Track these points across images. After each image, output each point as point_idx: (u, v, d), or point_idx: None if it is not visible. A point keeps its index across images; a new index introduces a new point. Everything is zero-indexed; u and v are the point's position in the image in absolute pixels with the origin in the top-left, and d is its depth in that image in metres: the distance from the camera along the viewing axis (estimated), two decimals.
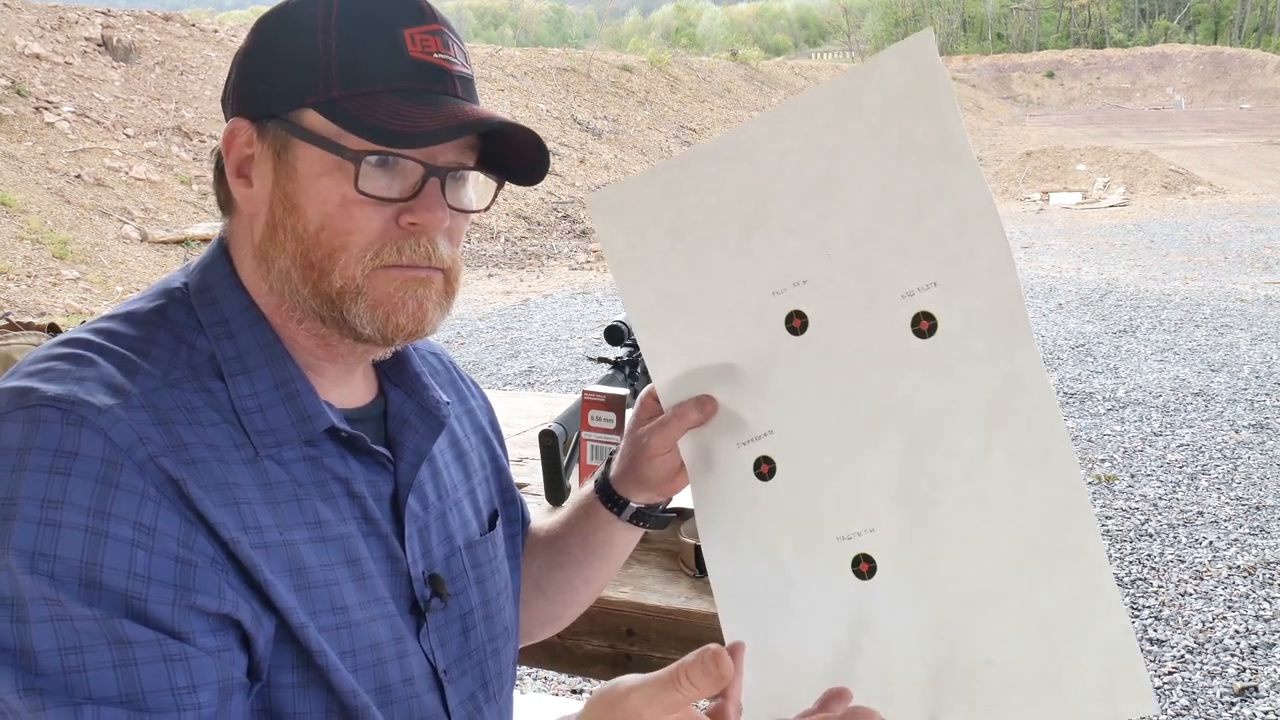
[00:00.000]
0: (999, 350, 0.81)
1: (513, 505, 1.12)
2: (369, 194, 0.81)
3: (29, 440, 0.72)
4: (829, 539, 0.87)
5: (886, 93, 0.82)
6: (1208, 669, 3.28)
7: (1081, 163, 19.05)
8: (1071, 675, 0.80)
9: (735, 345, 0.91)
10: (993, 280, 0.81)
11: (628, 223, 0.93)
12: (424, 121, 0.79)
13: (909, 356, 0.84)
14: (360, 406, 0.92)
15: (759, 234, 0.88)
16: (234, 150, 0.86)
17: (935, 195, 0.81)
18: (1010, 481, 0.81)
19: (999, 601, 0.82)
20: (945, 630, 0.83)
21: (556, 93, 20.90)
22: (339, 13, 0.82)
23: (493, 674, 0.97)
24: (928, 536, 0.84)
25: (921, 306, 0.83)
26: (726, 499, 0.93)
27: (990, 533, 0.82)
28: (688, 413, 0.93)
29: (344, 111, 0.80)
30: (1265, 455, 5.17)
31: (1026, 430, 0.81)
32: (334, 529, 0.83)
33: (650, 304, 0.93)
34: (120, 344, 0.80)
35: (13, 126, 11.28)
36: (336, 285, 0.82)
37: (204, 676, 0.73)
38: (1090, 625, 0.80)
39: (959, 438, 0.83)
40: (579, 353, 7.59)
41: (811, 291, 0.87)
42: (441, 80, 0.83)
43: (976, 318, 0.81)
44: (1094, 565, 0.79)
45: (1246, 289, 9.38)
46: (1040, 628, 0.81)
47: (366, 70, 0.81)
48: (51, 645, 0.69)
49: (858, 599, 0.86)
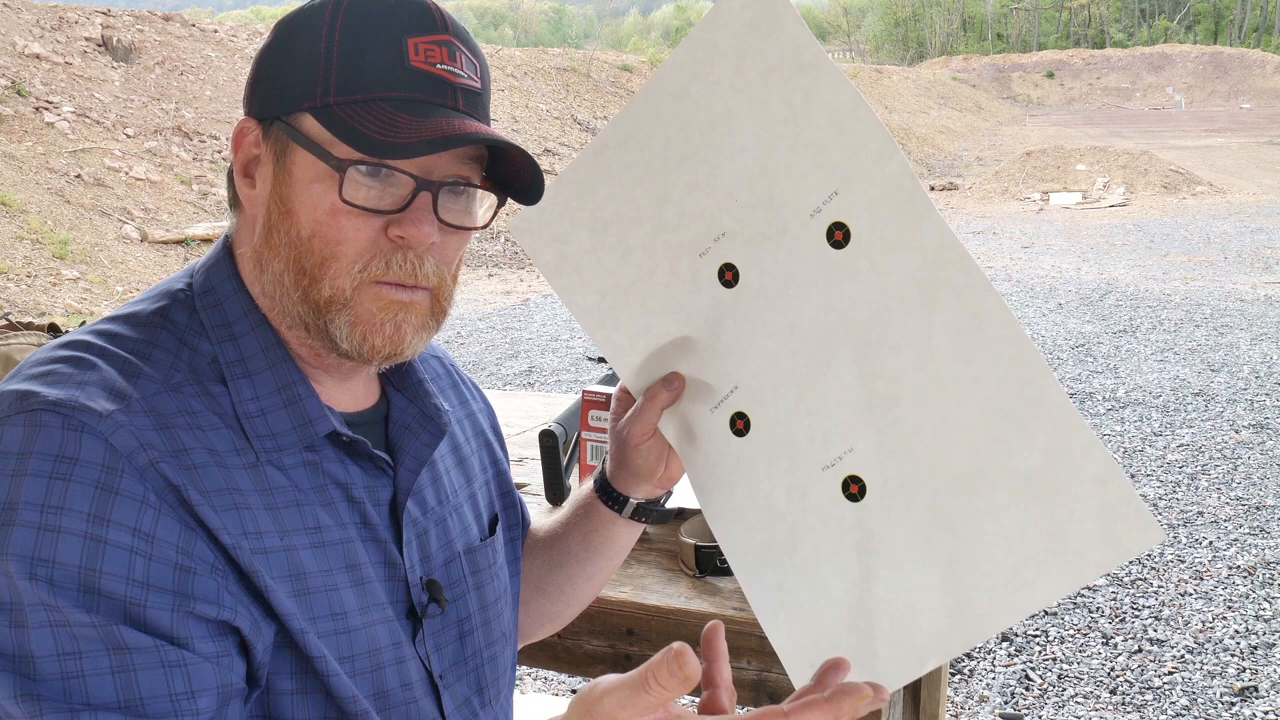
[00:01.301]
0: (908, 232, 0.82)
1: (513, 509, 1.12)
2: (353, 203, 0.80)
3: (29, 445, 0.71)
4: (814, 471, 0.88)
5: (734, 28, 0.84)
6: (1208, 669, 3.28)
7: (1081, 163, 19.06)
8: (1072, 526, 0.79)
9: (681, 316, 0.93)
10: (883, 168, 0.82)
11: (550, 234, 0.95)
12: (409, 133, 0.78)
13: (834, 270, 0.85)
14: (361, 411, 0.92)
15: (668, 204, 0.90)
16: (242, 150, 0.86)
17: (806, 108, 0.83)
18: (959, 355, 0.81)
19: (985, 476, 0.82)
20: (944, 523, 0.83)
21: (556, 93, 20.91)
22: (345, 18, 0.82)
23: (489, 680, 0.96)
24: (901, 437, 0.84)
25: (831, 219, 0.84)
26: (715, 465, 0.94)
27: (957, 412, 0.82)
28: (658, 394, 0.94)
29: (337, 118, 0.79)
30: (1265, 455, 5.17)
31: (957, 300, 0.81)
32: (333, 534, 0.83)
33: (594, 303, 0.96)
34: (122, 347, 0.80)
35: (13, 126, 11.28)
36: (325, 294, 0.82)
37: (203, 683, 0.73)
38: (1076, 471, 0.79)
39: (900, 330, 0.83)
40: (579, 353, 7.59)
41: (731, 241, 0.89)
42: (442, 92, 0.82)
43: (880, 210, 0.82)
44: (1061, 412, 0.79)
45: (1246, 289, 9.38)
46: (1030, 489, 0.80)
47: (364, 77, 0.80)
48: (50, 651, 0.69)
49: (857, 521, 0.86)
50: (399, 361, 0.87)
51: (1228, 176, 19.22)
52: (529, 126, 18.02)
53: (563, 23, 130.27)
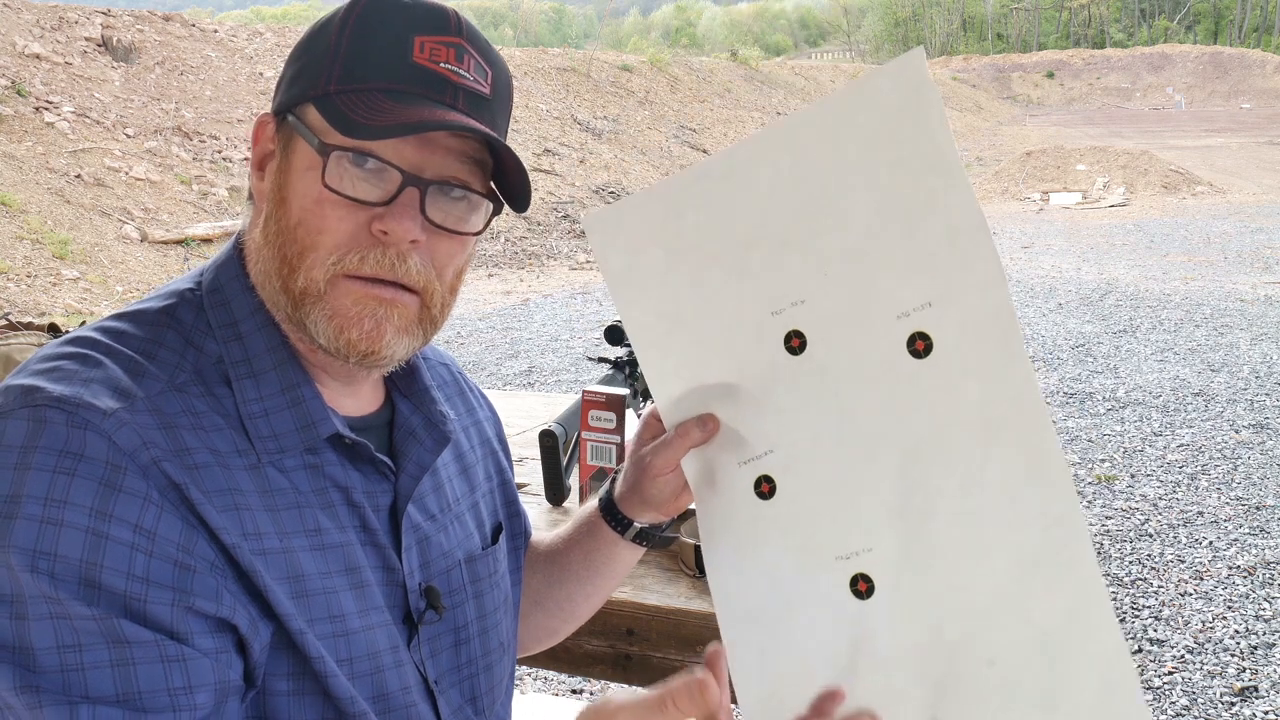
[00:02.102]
0: (993, 366, 0.82)
1: (517, 518, 1.12)
2: (336, 190, 0.79)
3: (34, 439, 0.72)
4: (828, 558, 0.88)
5: (879, 109, 0.82)
6: (1208, 669, 3.28)
7: (1081, 163, 19.05)
8: (1069, 691, 0.81)
9: (735, 364, 0.91)
10: (985, 297, 0.81)
11: (625, 243, 0.93)
12: (389, 118, 0.78)
13: (905, 376, 0.84)
14: (365, 415, 0.92)
15: (756, 252, 0.88)
16: (259, 144, 0.87)
17: (927, 211, 0.82)
18: (1005, 496, 0.82)
19: (996, 617, 0.82)
20: (943, 646, 0.84)
21: (556, 93, 20.91)
22: (357, 17, 0.82)
23: (483, 688, 0.96)
24: (924, 553, 0.84)
25: (917, 327, 0.83)
26: (729, 517, 0.93)
27: (986, 548, 0.82)
28: (690, 432, 0.92)
29: (332, 105, 0.80)
30: (1265, 455, 5.17)
31: (1020, 445, 0.81)
32: (333, 537, 0.83)
33: (650, 323, 0.94)
34: (128, 345, 0.80)
35: (13, 126, 11.28)
36: (300, 285, 0.81)
37: (201, 678, 0.73)
38: (1086, 640, 0.80)
39: (954, 454, 0.83)
40: (579, 353, 7.59)
41: (809, 311, 0.87)
42: (442, 89, 0.82)
43: (970, 335, 0.82)
44: (1089, 579, 0.80)
45: (1246, 289, 9.38)
46: (1038, 642, 0.81)
47: (365, 68, 0.81)
48: (50, 643, 0.69)
49: (857, 618, 0.86)
50: (379, 363, 0.84)
51: (1228, 176, 19.22)
52: (529, 126, 18.02)
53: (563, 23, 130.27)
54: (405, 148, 0.80)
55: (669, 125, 22.08)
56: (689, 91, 25.58)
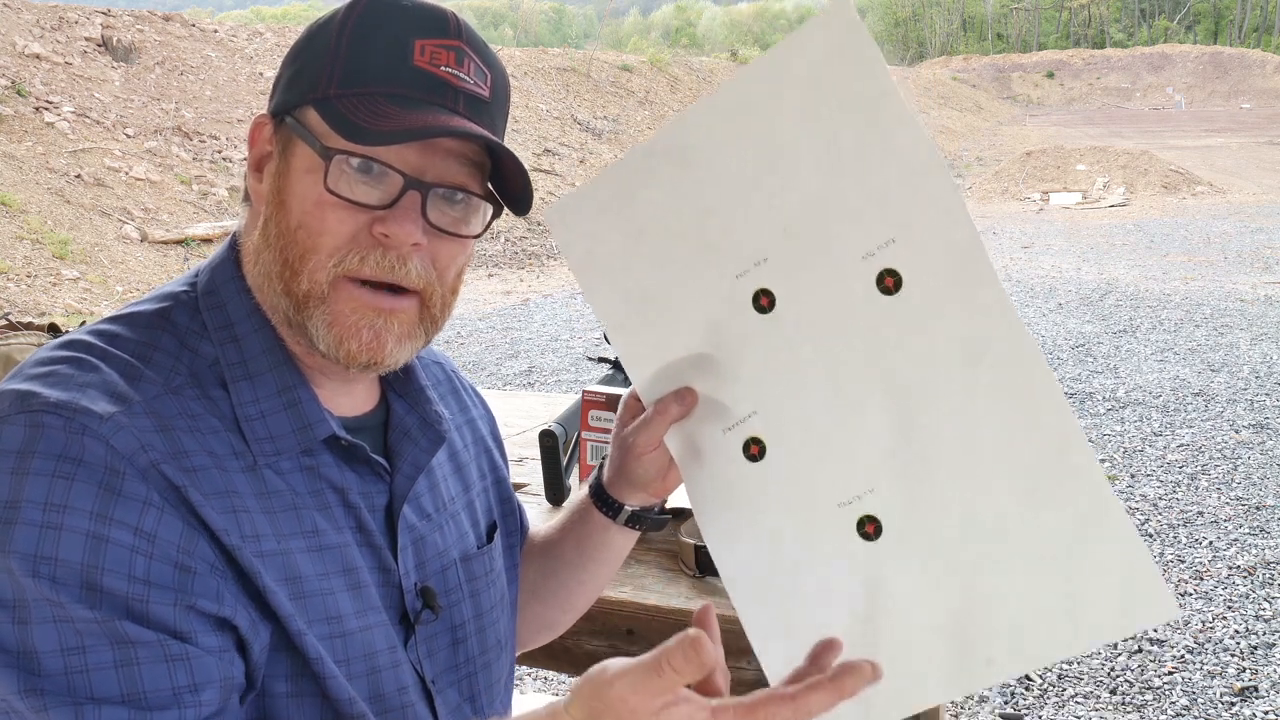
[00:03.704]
0: (964, 293, 0.82)
1: (512, 515, 1.12)
2: (337, 194, 0.80)
3: (31, 445, 0.72)
4: (829, 507, 0.88)
5: (813, 59, 0.83)
6: (1208, 669, 3.28)
7: (1081, 163, 19.06)
8: (1090, 595, 0.81)
9: (706, 333, 0.91)
10: (946, 225, 0.81)
11: (584, 229, 0.93)
12: (393, 123, 0.78)
13: (879, 315, 0.84)
14: (360, 415, 0.92)
15: (712, 220, 0.89)
16: (256, 146, 0.86)
17: (878, 152, 0.82)
18: (997, 417, 0.82)
19: (1006, 537, 0.82)
20: (959, 575, 0.84)
21: (556, 93, 20.91)
22: (359, 17, 0.82)
23: (482, 687, 0.96)
24: (927, 485, 0.84)
25: (884, 264, 0.83)
26: (720, 487, 0.93)
27: (987, 471, 0.83)
28: (669, 407, 0.92)
29: (333, 109, 0.80)
30: (1265, 455, 5.17)
31: (1004, 364, 0.81)
32: (330, 538, 0.83)
33: (617, 305, 0.94)
34: (123, 349, 0.80)
35: (13, 126, 11.28)
36: (303, 288, 0.81)
37: (205, 676, 0.73)
38: (1101, 543, 0.80)
39: (940, 383, 0.83)
40: (579, 353, 7.59)
41: (773, 268, 0.88)
42: (442, 93, 0.82)
43: (938, 264, 0.82)
44: (1095, 484, 0.80)
45: (1246, 289, 9.38)
46: (1052, 554, 0.81)
47: (366, 71, 0.81)
48: (53, 646, 0.69)
49: (868, 561, 0.86)
50: (381, 370, 0.85)
51: (1228, 176, 19.22)
52: (529, 126, 18.02)
53: (563, 23, 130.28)
54: (407, 152, 0.81)
55: None
56: (689, 91, 25.58)
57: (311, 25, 0.86)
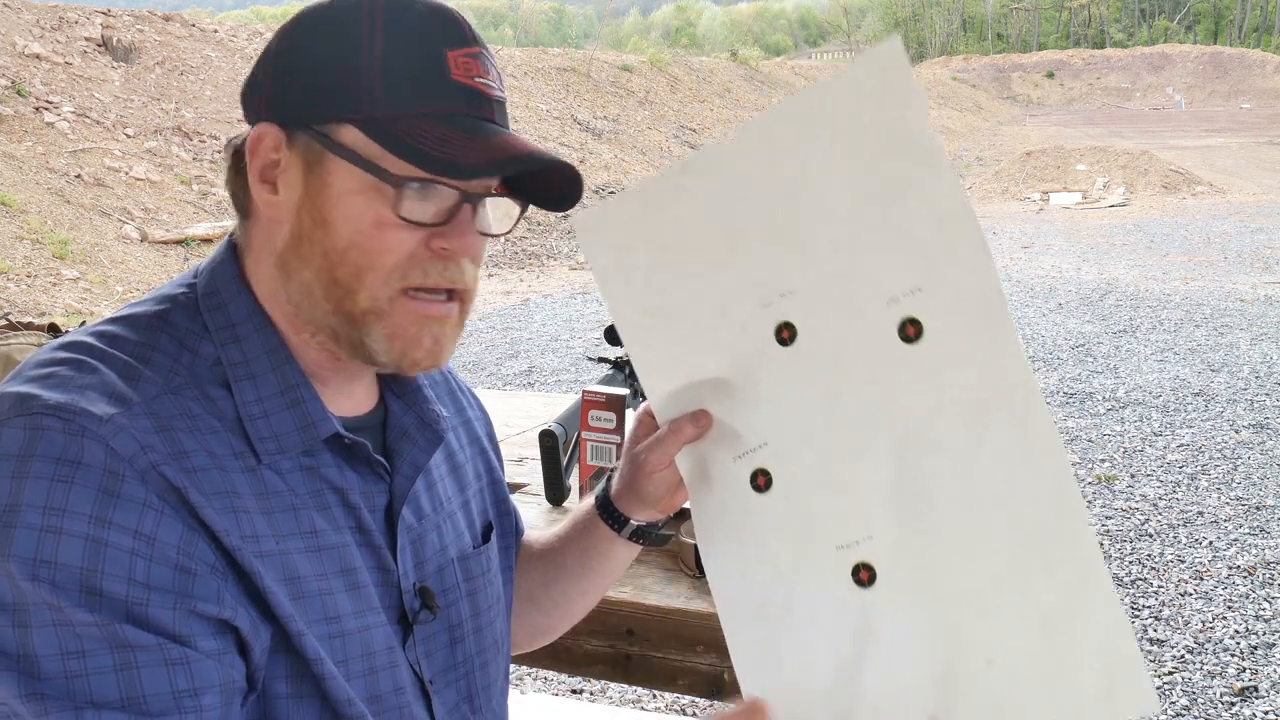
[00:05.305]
0: (983, 349, 0.82)
1: (507, 517, 1.12)
2: (409, 219, 0.80)
3: (31, 448, 0.72)
4: (828, 548, 0.88)
5: (857, 99, 0.82)
6: (1208, 669, 3.28)
7: (1081, 163, 19.05)
8: (1072, 672, 0.81)
9: (726, 358, 0.91)
10: (973, 280, 0.81)
11: (612, 242, 0.93)
12: (470, 152, 0.79)
13: (896, 361, 0.84)
14: (359, 415, 0.92)
15: (742, 246, 0.88)
16: (259, 155, 0.83)
17: (910, 198, 0.82)
18: (1001, 477, 0.82)
19: (998, 599, 0.83)
20: (947, 632, 0.84)
21: (556, 93, 20.91)
22: (384, 29, 0.80)
23: (480, 686, 0.96)
24: (924, 538, 0.84)
25: (907, 312, 0.83)
26: (725, 512, 0.93)
27: (985, 530, 0.83)
28: (683, 428, 0.93)
29: (388, 133, 0.79)
30: (1265, 455, 5.17)
31: (1014, 425, 0.81)
32: (329, 539, 0.83)
33: (640, 320, 0.94)
34: (122, 350, 0.80)
35: (13, 126, 11.28)
36: (362, 306, 0.82)
37: (206, 679, 0.73)
38: (1089, 619, 0.80)
39: (948, 437, 0.83)
40: (579, 353, 7.59)
41: (798, 302, 0.87)
42: (480, 105, 0.82)
43: (960, 318, 0.82)
44: (1089, 558, 0.80)
45: (1246, 289, 9.38)
46: (1040, 624, 0.81)
47: (410, 91, 0.80)
48: (53, 650, 0.69)
49: (859, 607, 0.86)
50: (436, 370, 0.89)
51: (1228, 176, 19.22)
52: (529, 126, 18.02)
53: (563, 23, 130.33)
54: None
55: (669, 125, 22.08)
56: (689, 91, 25.58)
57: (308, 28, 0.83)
